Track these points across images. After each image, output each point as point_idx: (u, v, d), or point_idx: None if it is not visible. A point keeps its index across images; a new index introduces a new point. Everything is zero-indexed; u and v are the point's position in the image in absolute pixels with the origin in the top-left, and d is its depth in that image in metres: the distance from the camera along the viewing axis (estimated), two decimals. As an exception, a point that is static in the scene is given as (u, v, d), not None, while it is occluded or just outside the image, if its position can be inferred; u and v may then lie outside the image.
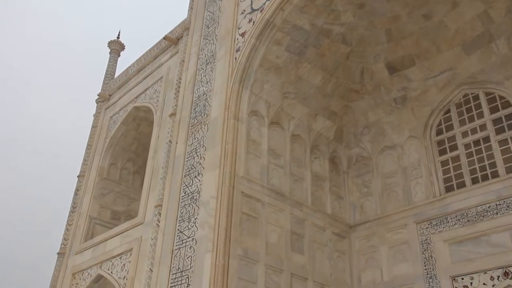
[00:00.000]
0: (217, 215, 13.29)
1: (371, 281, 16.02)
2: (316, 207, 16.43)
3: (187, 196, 14.82)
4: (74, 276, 18.61)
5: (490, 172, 14.91)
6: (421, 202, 15.85)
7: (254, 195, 14.45)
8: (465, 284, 13.88)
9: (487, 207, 14.15)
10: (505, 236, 13.49)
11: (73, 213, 20.90)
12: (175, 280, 13.50)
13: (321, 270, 15.49)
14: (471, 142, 15.82)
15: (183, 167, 15.66)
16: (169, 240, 14.47)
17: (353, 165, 18.51)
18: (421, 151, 16.73)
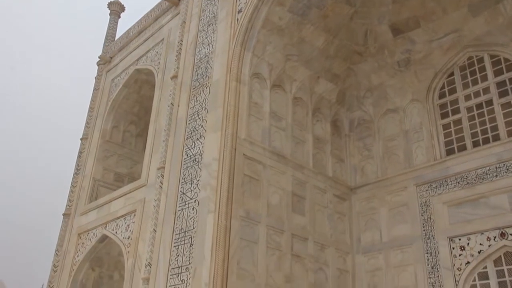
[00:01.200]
0: (219, 177, 13.44)
1: (370, 241, 16.35)
2: (317, 170, 16.58)
3: (189, 158, 14.95)
4: (80, 236, 19.00)
5: (491, 135, 14.95)
6: (422, 165, 15.97)
7: (256, 157, 14.57)
8: (462, 244, 14.16)
9: (487, 169, 14.27)
10: (504, 198, 13.67)
11: (77, 175, 21.14)
12: (178, 240, 13.79)
13: (321, 231, 15.78)
14: (473, 105, 15.79)
15: (185, 130, 15.73)
16: (172, 202, 14.69)
17: (354, 128, 18.56)
18: (423, 115, 16.72)
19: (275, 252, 14.00)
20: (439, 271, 14.30)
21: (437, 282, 14.24)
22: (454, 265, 14.13)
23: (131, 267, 15.25)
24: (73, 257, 18.74)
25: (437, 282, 14.23)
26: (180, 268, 13.25)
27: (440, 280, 14.18)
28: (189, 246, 13.35)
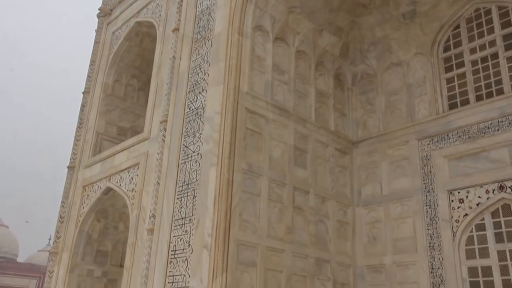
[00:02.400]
0: (222, 130, 13.51)
1: (371, 194, 16.61)
2: (319, 124, 16.63)
3: (192, 112, 14.98)
4: (85, 189, 19.32)
5: (495, 89, 14.88)
6: (424, 119, 15.99)
7: (258, 111, 14.59)
8: (461, 197, 14.39)
9: (489, 124, 14.29)
10: (504, 152, 13.76)
11: (80, 129, 21.25)
12: (182, 192, 14.03)
13: (322, 184, 16.01)
14: (478, 59, 15.62)
15: (187, 83, 15.67)
16: (175, 155, 14.85)
17: (357, 82, 18.46)
18: (427, 68, 16.58)
19: (277, 205, 14.28)
20: (438, 223, 14.61)
21: (435, 233, 14.56)
22: (452, 217, 14.41)
23: (136, 219, 15.59)
24: (79, 209, 19.13)
25: (435, 234, 14.56)
26: (184, 219, 13.56)
27: (438, 232, 14.51)
28: (192, 198, 13.59)
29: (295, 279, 14.04)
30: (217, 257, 12.14)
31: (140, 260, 14.39)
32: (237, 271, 12.55)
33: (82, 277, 18.46)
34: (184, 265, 12.93)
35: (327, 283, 15.04)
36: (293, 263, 14.14)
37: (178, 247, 13.35)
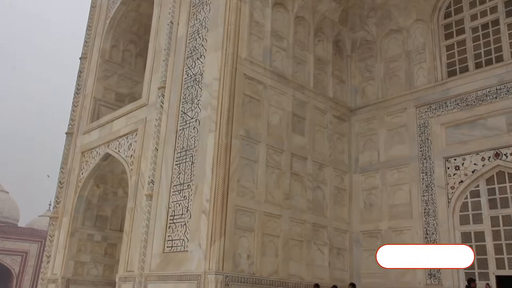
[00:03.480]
0: (220, 97, 13.50)
1: (368, 161, 16.74)
2: (318, 90, 16.60)
3: (190, 78, 14.91)
4: (84, 155, 19.41)
5: (494, 56, 14.81)
6: (423, 87, 15.97)
7: (257, 77, 14.53)
8: (457, 164, 14.53)
9: (488, 91, 14.29)
10: (501, 120, 13.83)
11: (77, 95, 21.17)
12: (180, 158, 14.12)
13: (320, 151, 16.11)
14: (479, 25, 15.47)
15: (185, 49, 15.54)
16: (173, 121, 14.87)
17: (357, 49, 18.32)
18: (427, 35, 16.44)
19: (275, 171, 14.40)
20: (433, 190, 14.80)
21: (431, 200, 14.77)
22: (448, 184, 14.59)
23: (135, 184, 15.74)
24: (78, 175, 19.27)
25: (431, 200, 14.77)
26: (182, 185, 13.70)
27: (434, 198, 14.71)
28: (190, 164, 13.70)
29: (292, 244, 14.31)
30: (215, 222, 12.34)
31: (140, 225, 14.61)
32: (235, 236, 12.78)
33: (82, 241, 18.78)
34: (182, 230, 13.15)
35: (323, 248, 15.34)
36: (290, 228, 14.38)
37: (176, 212, 13.54)
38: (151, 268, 13.67)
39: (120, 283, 14.85)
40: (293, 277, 13.98)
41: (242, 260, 12.79)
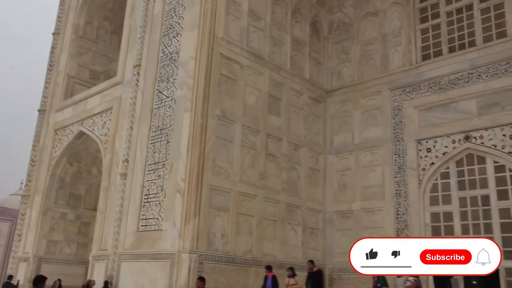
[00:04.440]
0: (196, 76, 13.41)
1: (343, 143, 16.94)
2: (294, 72, 16.63)
3: (166, 56, 14.74)
4: (57, 132, 19.10)
5: (467, 41, 15.03)
6: (397, 70, 16.15)
7: (233, 57, 14.46)
8: (429, 146, 14.84)
9: (460, 75, 14.55)
10: (472, 103, 14.13)
11: (50, 71, 20.70)
12: (155, 137, 14.04)
13: (296, 132, 16.22)
14: (453, 10, 15.65)
15: (161, 27, 15.31)
16: (149, 100, 14.73)
17: (334, 31, 18.35)
18: (403, 18, 16.56)
19: (250, 151, 14.46)
20: (405, 171, 15.10)
21: (402, 181, 15.08)
22: (419, 165, 14.90)
23: (109, 163, 15.61)
24: (51, 153, 18.98)
25: (402, 181, 15.08)
26: (157, 164, 13.65)
27: (405, 179, 15.03)
28: (165, 143, 13.64)
29: (266, 223, 14.47)
30: (190, 202, 12.37)
31: (114, 204, 14.54)
32: (210, 215, 12.85)
33: (55, 220, 18.61)
34: (157, 209, 13.14)
35: (297, 228, 15.56)
36: (265, 208, 14.53)
37: (151, 191, 13.51)
38: (125, 246, 13.67)
39: (93, 261, 14.82)
40: (267, 256, 14.17)
41: (217, 239, 12.89)
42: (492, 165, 13.57)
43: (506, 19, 14.21)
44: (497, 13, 14.53)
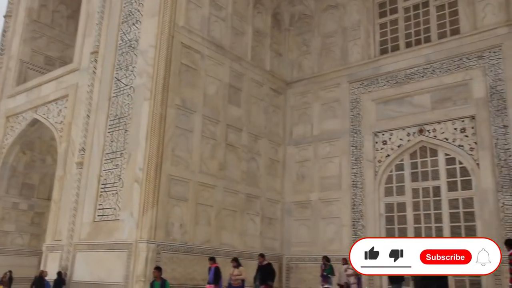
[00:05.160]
0: (156, 64, 13.23)
1: (302, 134, 17.15)
2: (255, 63, 16.65)
3: (125, 44, 14.45)
4: (8, 119, 18.41)
5: (423, 37, 15.45)
6: (356, 63, 16.44)
7: (194, 46, 14.34)
8: (385, 139, 15.23)
9: (415, 70, 14.97)
10: (426, 98, 14.59)
11: (1, 56, 19.85)
12: (113, 126, 13.78)
13: (256, 123, 16.29)
14: (411, 6, 16.03)
15: (120, 13, 14.98)
16: (106, 88, 14.42)
17: (295, 23, 18.46)
18: (362, 12, 16.84)
19: (210, 141, 14.43)
20: (362, 163, 15.46)
21: (359, 172, 15.44)
22: (375, 157, 15.29)
23: (64, 152, 15.22)
24: (2, 140, 18.29)
25: (359, 173, 15.44)
26: (115, 153, 13.42)
27: (362, 171, 15.39)
28: (123, 132, 13.42)
29: (225, 214, 14.52)
30: (148, 191, 12.25)
31: (69, 194, 14.22)
32: (168, 205, 12.77)
33: (6, 210, 17.99)
34: (114, 199, 12.95)
35: (255, 218, 15.69)
36: (224, 198, 14.56)
37: (108, 181, 13.29)
38: (80, 237, 13.41)
39: (47, 252, 14.48)
40: (225, 245, 14.25)
41: (175, 229, 12.84)
42: (444, 158, 14.09)
43: (460, 17, 14.69)
44: (451, 10, 15.01)
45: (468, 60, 13.96)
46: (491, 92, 13.35)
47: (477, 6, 14.24)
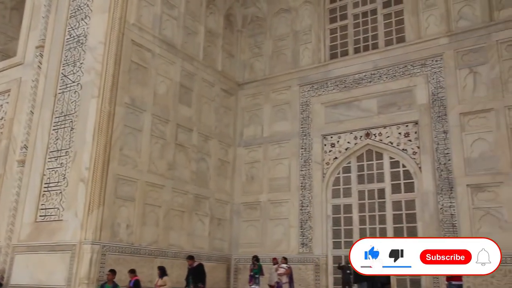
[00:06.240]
0: (105, 62, 12.92)
1: (252, 135, 17.27)
2: (207, 63, 16.60)
3: (73, 39, 14.03)
4: None
5: (371, 43, 15.93)
6: (307, 67, 16.73)
7: (145, 45, 14.13)
8: (333, 142, 15.59)
9: (363, 75, 15.42)
10: (373, 102, 15.06)
11: None
12: (58, 123, 13.35)
13: (206, 123, 16.24)
14: (360, 13, 16.49)
15: (68, 7, 14.52)
16: (52, 83, 13.94)
17: (247, 25, 18.56)
18: (314, 17, 17.16)
19: (159, 141, 14.25)
20: (310, 165, 15.74)
21: (308, 174, 15.71)
22: (324, 159, 15.61)
23: (5, 149, 14.57)
24: None
25: (307, 175, 15.71)
26: (60, 151, 12.99)
27: (310, 173, 15.67)
28: (69, 130, 13.02)
29: (173, 214, 14.38)
30: (94, 191, 11.95)
31: (9, 193, 13.62)
32: (115, 205, 12.50)
33: None
34: (58, 198, 12.53)
35: (204, 218, 15.63)
36: (173, 199, 14.42)
37: (52, 180, 12.85)
38: (20, 238, 12.88)
39: (-16, 254, 13.80)
40: (173, 246, 14.11)
41: (121, 229, 12.59)
42: (389, 161, 14.60)
43: (405, 26, 15.27)
44: (398, 19, 15.57)
45: (413, 68, 14.53)
46: (433, 98, 13.96)
47: (421, 16, 14.86)
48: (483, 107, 13.13)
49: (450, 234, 12.71)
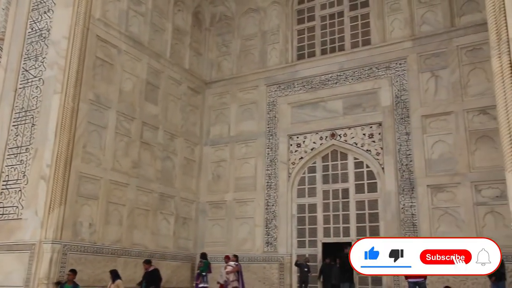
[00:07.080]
0: (68, 57, 12.64)
1: (219, 134, 17.24)
2: (174, 61, 16.47)
3: (35, 32, 13.66)
4: None
5: (338, 45, 16.14)
6: (274, 67, 16.82)
7: (111, 41, 13.90)
8: (299, 142, 15.74)
9: (330, 76, 15.62)
10: (339, 103, 15.28)
11: None
12: (19, 119, 12.97)
13: (172, 121, 16.11)
14: (327, 15, 16.68)
15: (30, 0, 14.15)
16: (12, 78, 13.53)
17: (215, 23, 18.51)
18: (282, 18, 17.27)
19: (124, 139, 14.06)
20: (276, 164, 15.85)
21: (273, 173, 15.81)
22: (289, 159, 15.74)
23: (-38, 145, 14.07)
24: None
25: (273, 174, 15.81)
26: (20, 148, 12.63)
27: (276, 172, 15.77)
28: (30, 126, 12.68)
29: (137, 213, 14.21)
30: (56, 189, 11.67)
31: (-34, 190, 13.16)
32: (77, 203, 12.26)
33: None
34: (17, 197, 12.18)
35: (169, 217, 15.51)
36: (137, 197, 14.25)
37: (11, 177, 12.48)
38: (-24, 237, 12.46)
39: None
40: (137, 245, 13.95)
41: (84, 228, 12.36)
42: (353, 161, 14.85)
43: (371, 29, 15.56)
44: (364, 22, 15.84)
45: (377, 70, 14.82)
46: (396, 101, 14.28)
47: (386, 20, 15.18)
48: (444, 110, 13.52)
49: (410, 233, 13.04)
